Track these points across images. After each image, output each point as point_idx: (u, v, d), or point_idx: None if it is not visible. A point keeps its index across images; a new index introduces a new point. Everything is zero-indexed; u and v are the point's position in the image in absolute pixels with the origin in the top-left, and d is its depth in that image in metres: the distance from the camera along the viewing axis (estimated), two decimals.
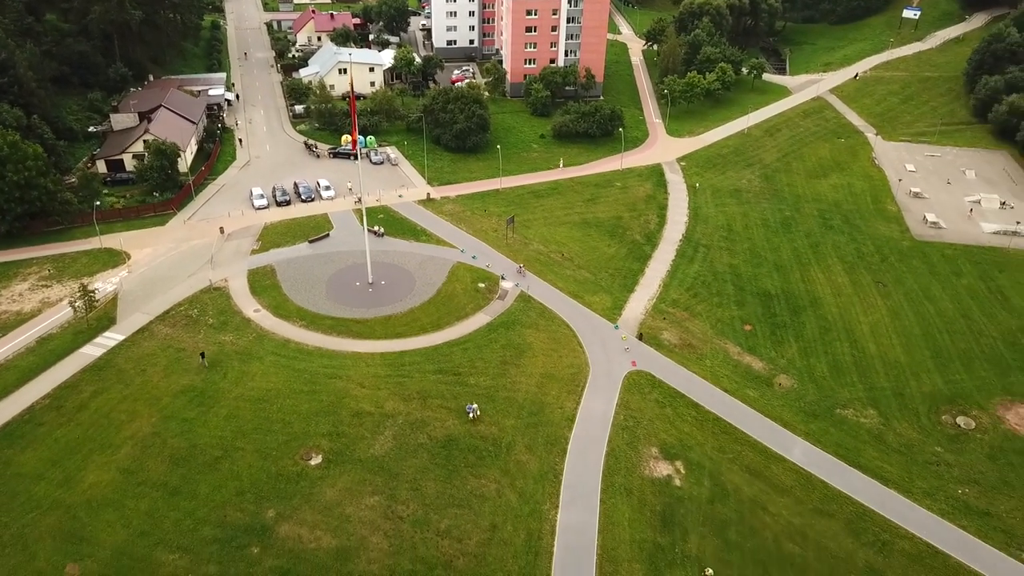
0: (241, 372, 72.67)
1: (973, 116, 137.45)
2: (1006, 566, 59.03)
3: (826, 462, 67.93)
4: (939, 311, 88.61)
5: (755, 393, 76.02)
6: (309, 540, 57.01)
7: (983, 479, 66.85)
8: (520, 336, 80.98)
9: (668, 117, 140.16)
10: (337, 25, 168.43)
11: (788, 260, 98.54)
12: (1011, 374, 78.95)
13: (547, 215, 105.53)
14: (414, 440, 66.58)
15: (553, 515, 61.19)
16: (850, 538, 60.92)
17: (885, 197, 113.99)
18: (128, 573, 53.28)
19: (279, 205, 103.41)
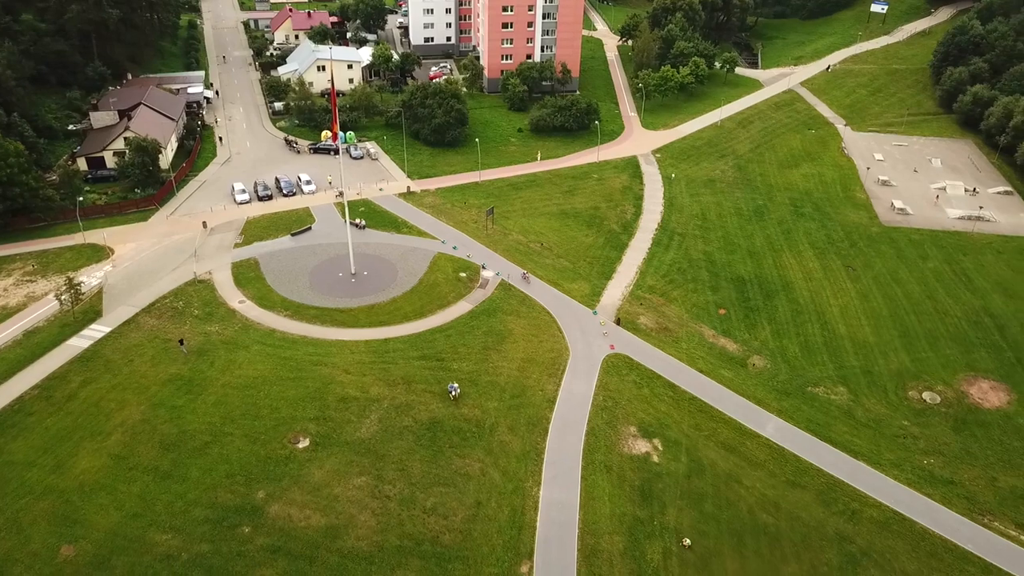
0: (228, 361, 73.98)
1: (939, 107, 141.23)
2: (968, 530, 61.78)
3: (798, 437, 70.47)
4: (906, 293, 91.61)
5: (730, 373, 78.48)
6: (299, 519, 58.57)
7: (947, 450, 69.71)
8: (501, 323, 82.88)
9: (643, 110, 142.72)
10: (314, 23, 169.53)
11: (761, 247, 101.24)
12: (974, 351, 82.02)
13: (526, 206, 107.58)
14: (399, 423, 68.26)
15: (536, 492, 63.11)
16: (821, 508, 63.42)
17: (854, 185, 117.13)
18: (122, 553, 54.58)
19: (261, 200, 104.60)
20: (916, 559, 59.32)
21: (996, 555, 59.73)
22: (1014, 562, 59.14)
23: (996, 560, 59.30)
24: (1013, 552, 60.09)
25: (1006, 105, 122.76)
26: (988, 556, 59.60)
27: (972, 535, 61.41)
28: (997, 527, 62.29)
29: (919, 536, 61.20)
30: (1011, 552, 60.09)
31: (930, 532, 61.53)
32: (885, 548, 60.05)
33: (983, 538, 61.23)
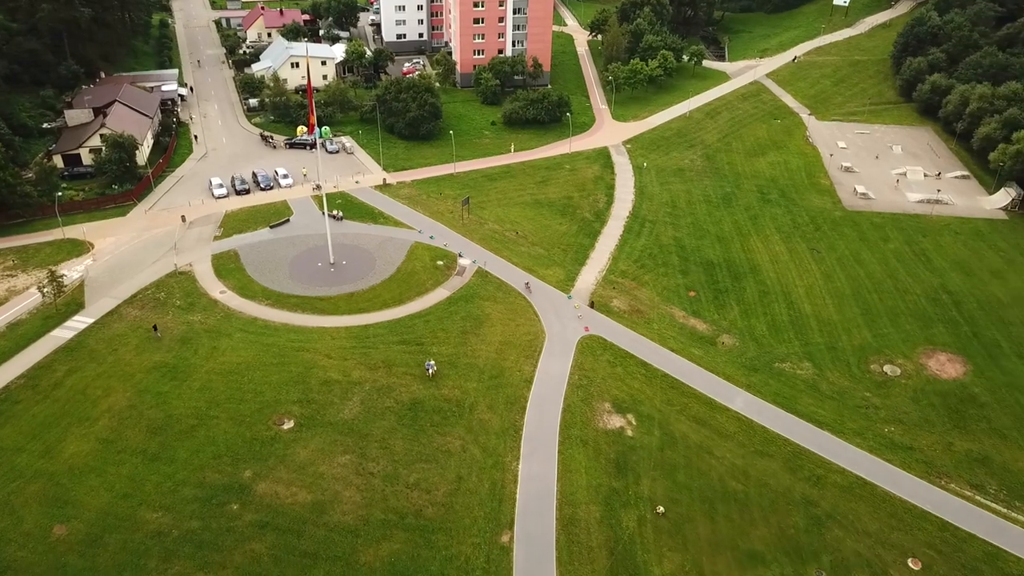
0: (211, 348, 75.50)
1: (899, 96, 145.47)
2: (926, 492, 64.98)
3: (766, 409, 73.40)
4: (868, 273, 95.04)
5: (700, 351, 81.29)
6: (286, 496, 60.43)
7: (907, 418, 73.00)
8: (479, 308, 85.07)
9: (613, 103, 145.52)
10: (287, 21, 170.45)
11: (729, 232, 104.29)
12: (933, 326, 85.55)
13: (501, 196, 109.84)
14: (381, 404, 70.27)
15: (515, 466, 65.44)
16: (788, 474, 66.34)
17: (819, 172, 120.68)
18: (114, 531, 56.14)
19: (238, 194, 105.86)
20: (878, 520, 62.40)
21: (952, 514, 62.98)
22: (968, 519, 62.43)
23: (952, 518, 62.54)
24: (968, 510, 63.39)
25: (963, 93, 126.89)
26: (944, 515, 62.84)
27: (930, 496, 64.63)
28: (953, 488, 65.58)
29: (880, 499, 64.31)
30: (966, 510, 63.39)
31: (891, 495, 64.66)
32: (848, 510, 63.09)
33: (940, 499, 64.49)
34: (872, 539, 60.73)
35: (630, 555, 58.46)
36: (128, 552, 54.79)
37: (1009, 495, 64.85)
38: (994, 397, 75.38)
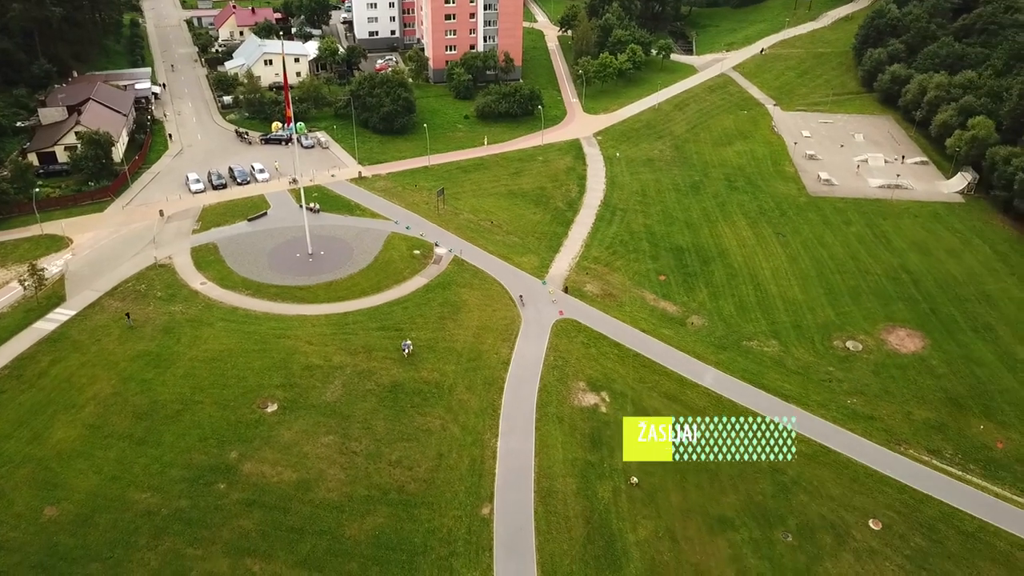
0: (193, 337, 76.94)
1: (861, 86, 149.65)
2: (886, 458, 68.05)
3: (734, 385, 76.19)
4: (831, 255, 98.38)
5: (670, 332, 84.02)
6: (271, 475, 62.19)
7: (868, 390, 76.19)
8: (456, 295, 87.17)
9: (584, 96, 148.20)
10: (259, 19, 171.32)
11: (698, 218, 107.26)
12: (893, 304, 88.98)
13: (475, 188, 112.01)
14: (362, 387, 72.16)
15: (494, 443, 67.64)
16: None
17: (784, 160, 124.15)
18: (104, 511, 57.62)
19: (215, 189, 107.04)
20: (841, 484, 65.38)
21: (911, 478, 66.08)
22: (926, 482, 65.57)
23: (910, 482, 65.62)
24: (925, 474, 66.58)
25: (921, 82, 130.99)
26: (903, 479, 65.90)
27: (890, 462, 67.72)
28: (911, 454, 68.78)
29: (843, 465, 67.32)
30: (923, 474, 66.57)
31: (853, 461, 67.70)
32: (813, 477, 66.01)
33: (899, 464, 67.60)
34: (835, 503, 63.68)
35: (605, 523, 60.89)
36: (118, 530, 56.33)
37: (964, 459, 68.17)
38: (950, 369, 78.86)
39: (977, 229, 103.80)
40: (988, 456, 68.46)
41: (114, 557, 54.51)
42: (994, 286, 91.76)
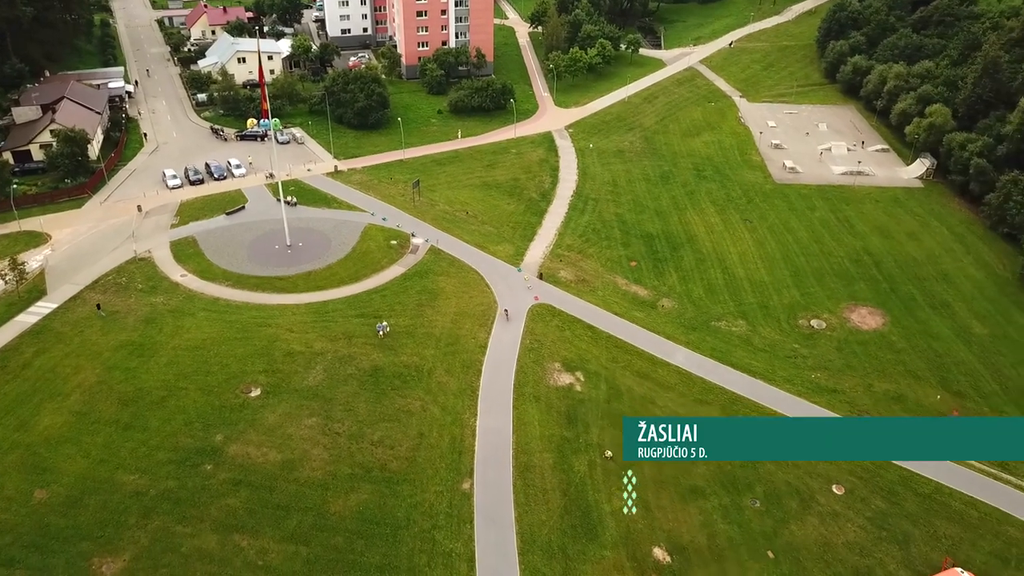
0: (176, 327, 78.32)
1: (824, 78, 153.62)
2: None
3: (704, 363, 79.03)
4: (796, 239, 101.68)
5: (642, 314, 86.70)
6: (257, 456, 63.92)
7: (831, 365, 79.40)
8: (433, 282, 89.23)
9: (555, 90, 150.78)
10: (230, 18, 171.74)
11: (667, 207, 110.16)
12: (855, 284, 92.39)
13: (450, 180, 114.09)
14: (343, 371, 74.02)
15: (473, 422, 69.83)
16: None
17: (750, 150, 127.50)
18: (93, 493, 59.09)
19: (192, 184, 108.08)
20: None
21: None
22: None
23: None
24: None
25: (881, 73, 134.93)
26: None
27: None
28: None
29: None
30: None
31: None
32: None
33: None
34: (800, 470, 66.62)
35: (582, 495, 63.34)
36: (108, 511, 57.84)
37: None
38: (909, 344, 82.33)
39: (935, 212, 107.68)
40: None
41: (104, 536, 56.04)
42: (951, 266, 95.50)
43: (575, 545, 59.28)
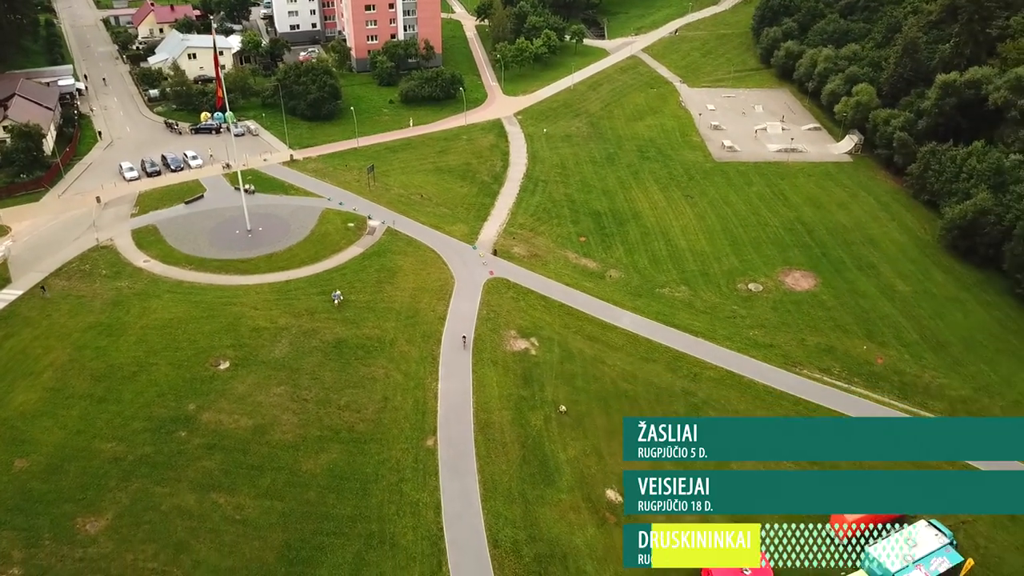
0: (142, 308, 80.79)
1: (759, 63, 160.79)
2: (784, 377, 76.78)
3: (649, 325, 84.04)
4: (735, 212, 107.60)
5: (591, 284, 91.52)
6: (229, 423, 67.03)
7: (768, 323, 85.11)
8: (391, 261, 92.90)
9: (503, 80, 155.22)
10: (178, 16, 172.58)
11: (613, 186, 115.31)
12: (789, 251, 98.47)
13: (403, 165, 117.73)
14: (308, 344, 77.37)
15: (434, 386, 73.77)
16: (669, 374, 77.08)
17: (691, 131, 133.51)
18: (72, 460, 61.68)
19: (149, 176, 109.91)
20: (745, 401, 73.78)
21: (804, 392, 74.86)
22: (817, 395, 74.38)
23: (804, 396, 74.37)
24: (817, 388, 75.49)
25: (812, 56, 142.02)
26: (799, 394, 74.66)
27: (787, 381, 76.46)
28: (805, 374, 77.71)
29: (747, 386, 75.77)
30: (815, 388, 75.48)
31: (755, 382, 76.21)
32: (721, 396, 74.23)
33: (795, 382, 76.39)
34: (743, 412, 72.00)
35: (539, 446, 67.74)
36: (88, 476, 60.54)
37: (849, 374, 77.46)
38: (839, 302, 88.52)
39: (863, 184, 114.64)
40: (870, 371, 77.98)
41: (86, 498, 58.77)
42: (877, 231, 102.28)
43: (534, 490, 63.64)
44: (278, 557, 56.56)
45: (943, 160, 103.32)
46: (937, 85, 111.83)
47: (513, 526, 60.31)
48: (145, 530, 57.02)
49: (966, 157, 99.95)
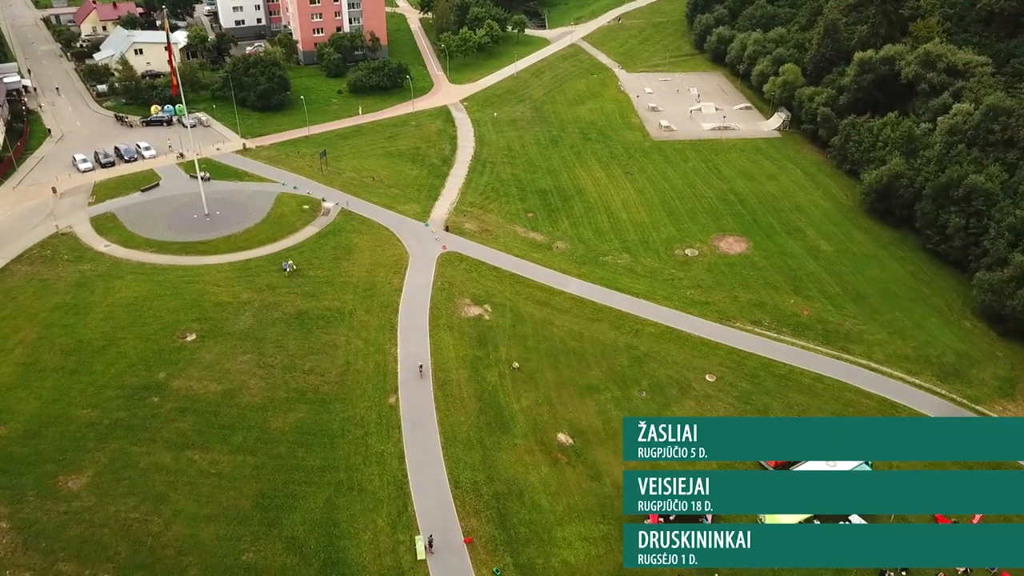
0: (107, 288, 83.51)
1: (694, 48, 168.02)
2: (718, 330, 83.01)
3: (594, 290, 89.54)
4: (672, 186, 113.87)
5: (539, 255, 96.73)
6: (199, 388, 70.54)
7: (703, 284, 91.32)
8: (347, 239, 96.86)
9: (448, 69, 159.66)
10: (121, 13, 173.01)
11: (558, 166, 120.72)
12: (723, 219, 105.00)
13: (355, 151, 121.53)
14: (271, 316, 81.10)
15: (394, 350, 78.15)
16: (614, 331, 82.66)
17: (630, 113, 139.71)
18: (51, 426, 64.71)
19: (104, 167, 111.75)
20: (683, 353, 79.71)
21: (738, 342, 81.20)
22: (749, 344, 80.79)
23: (737, 345, 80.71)
24: (749, 338, 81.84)
25: (742, 40, 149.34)
26: (732, 344, 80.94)
27: (721, 333, 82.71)
28: (738, 326, 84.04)
29: (684, 339, 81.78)
30: (747, 339, 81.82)
31: (692, 336, 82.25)
32: (661, 349, 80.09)
33: (729, 334, 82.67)
34: (679, 366, 77.88)
35: (494, 399, 72.67)
36: (66, 439, 63.65)
37: (778, 325, 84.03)
38: (768, 262, 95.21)
39: (791, 157, 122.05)
40: (796, 321, 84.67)
41: (66, 458, 61.94)
42: (804, 199, 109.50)
43: (491, 437, 68.54)
44: (253, 504, 60.50)
45: (862, 131, 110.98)
46: (855, 63, 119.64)
47: (472, 469, 65.14)
48: (125, 485, 60.44)
49: (882, 127, 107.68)
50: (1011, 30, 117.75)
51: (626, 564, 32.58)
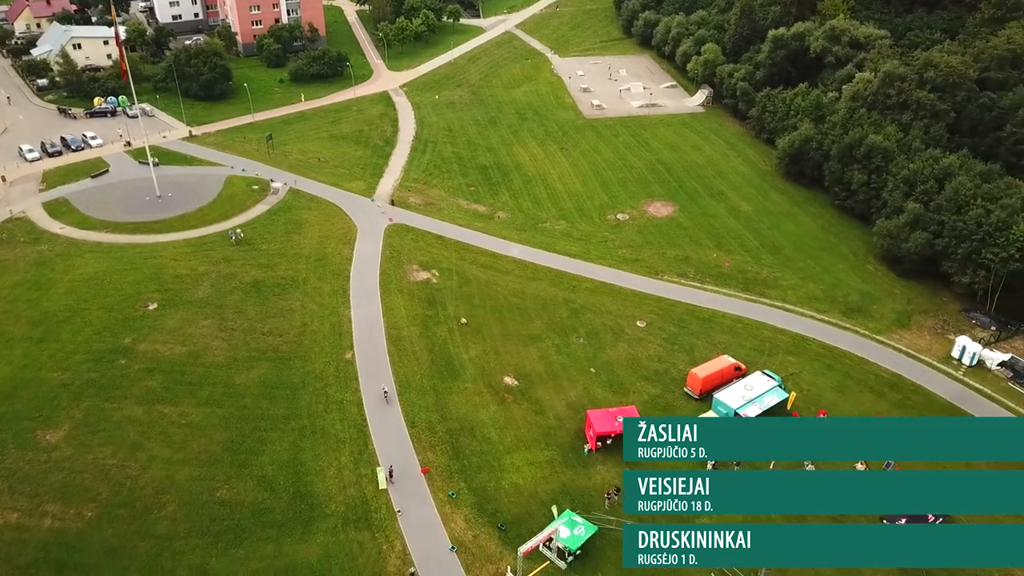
0: (66, 266, 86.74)
1: (623, 33, 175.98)
2: (647, 283, 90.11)
3: (534, 253, 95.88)
4: (604, 159, 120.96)
5: (482, 224, 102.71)
6: (164, 351, 74.67)
7: (634, 244, 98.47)
8: (297, 215, 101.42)
9: (387, 57, 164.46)
10: (55, 10, 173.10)
11: (496, 144, 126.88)
12: (651, 187, 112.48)
13: (299, 135, 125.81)
14: (228, 285, 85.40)
15: (348, 313, 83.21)
16: (552, 288, 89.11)
17: (563, 94, 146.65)
18: (24, 388, 68.30)
19: (51, 156, 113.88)
20: (616, 303, 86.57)
21: (666, 293, 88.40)
22: (676, 294, 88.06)
23: (665, 295, 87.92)
24: (676, 289, 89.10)
25: (666, 24, 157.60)
26: (661, 294, 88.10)
27: (651, 285, 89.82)
28: (666, 279, 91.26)
29: (617, 292, 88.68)
30: (675, 289, 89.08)
31: (624, 288, 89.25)
32: (596, 302, 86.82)
33: (657, 286, 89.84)
34: (613, 315, 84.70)
35: (444, 351, 78.40)
36: (41, 399, 67.36)
37: (701, 276, 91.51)
38: (693, 223, 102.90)
39: (714, 129, 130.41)
40: (719, 273, 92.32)
41: (43, 415, 65.73)
42: (726, 166, 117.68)
43: (443, 383, 74.26)
44: (224, 449, 65.19)
45: (776, 103, 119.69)
46: (769, 40, 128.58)
47: (427, 411, 70.81)
48: (101, 436, 64.54)
49: (793, 98, 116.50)
50: (908, 6, 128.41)
51: (626, 564, 32.34)
